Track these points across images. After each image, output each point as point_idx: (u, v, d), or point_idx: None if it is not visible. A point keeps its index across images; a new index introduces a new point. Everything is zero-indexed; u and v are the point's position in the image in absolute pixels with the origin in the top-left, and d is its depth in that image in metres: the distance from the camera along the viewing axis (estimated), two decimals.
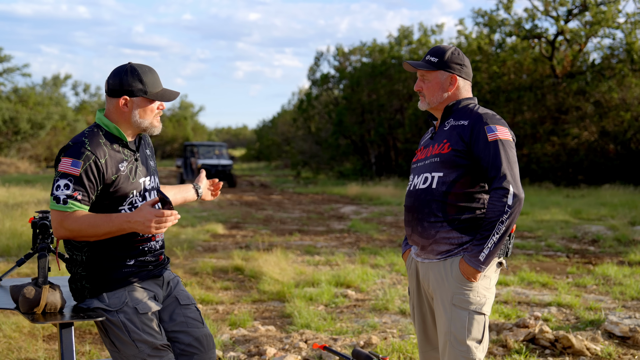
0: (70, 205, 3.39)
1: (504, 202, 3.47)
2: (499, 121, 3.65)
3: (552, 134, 32.50)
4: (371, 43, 44.06)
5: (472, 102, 3.81)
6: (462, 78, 3.80)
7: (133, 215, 3.38)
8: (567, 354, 6.06)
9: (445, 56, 3.77)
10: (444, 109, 3.79)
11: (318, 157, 44.00)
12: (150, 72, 3.63)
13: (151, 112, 3.63)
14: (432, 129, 3.93)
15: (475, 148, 3.59)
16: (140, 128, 3.63)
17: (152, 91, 3.60)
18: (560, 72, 33.47)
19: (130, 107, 3.57)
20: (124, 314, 3.50)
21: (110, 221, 3.40)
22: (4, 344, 6.21)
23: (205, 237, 14.00)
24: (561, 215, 17.74)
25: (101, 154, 3.48)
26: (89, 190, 3.43)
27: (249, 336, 6.68)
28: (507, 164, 3.54)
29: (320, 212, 20.69)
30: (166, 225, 3.38)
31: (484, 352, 3.65)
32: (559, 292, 8.66)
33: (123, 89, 3.56)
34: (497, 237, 3.49)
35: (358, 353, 4.52)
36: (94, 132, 3.56)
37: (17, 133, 49.11)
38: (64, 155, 3.46)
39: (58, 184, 3.42)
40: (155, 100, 3.63)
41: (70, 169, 3.41)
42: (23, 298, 3.46)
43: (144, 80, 3.58)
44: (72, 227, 3.38)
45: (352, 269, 9.97)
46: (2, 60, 54.87)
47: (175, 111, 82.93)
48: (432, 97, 3.79)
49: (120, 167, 3.54)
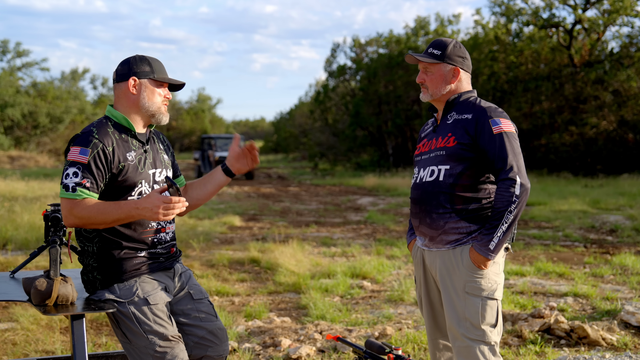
0: (79, 192, 3.43)
1: (512, 192, 3.55)
2: (501, 114, 3.72)
3: (570, 124, 32.34)
4: (388, 34, 43.97)
5: (472, 95, 3.88)
6: (464, 71, 3.88)
7: (141, 202, 3.41)
8: (583, 344, 6.05)
9: (447, 49, 3.83)
10: (446, 103, 3.85)
11: (335, 148, 44.00)
12: (157, 60, 3.73)
13: (159, 96, 3.68)
14: (433, 121, 3.99)
15: (480, 141, 3.66)
16: (148, 112, 3.67)
17: (159, 75, 3.68)
18: (578, 62, 33.28)
19: (138, 90, 3.64)
20: (135, 305, 3.52)
21: (118, 208, 3.43)
22: (21, 336, 6.27)
23: (222, 229, 14.04)
24: (579, 205, 17.66)
25: (109, 142, 3.53)
26: (97, 177, 3.47)
27: (264, 327, 6.71)
28: (512, 155, 3.61)
29: (337, 203, 20.70)
30: (174, 212, 3.40)
31: (499, 335, 3.73)
32: (575, 282, 8.62)
33: (131, 72, 3.64)
34: (506, 226, 3.57)
35: (371, 344, 4.54)
36: (103, 123, 3.62)
37: (36, 127, 49.44)
38: (73, 144, 3.52)
39: (67, 172, 3.46)
40: (163, 85, 3.69)
41: (79, 157, 3.46)
42: (35, 290, 3.49)
43: (152, 65, 3.67)
44: (82, 215, 3.42)
45: (368, 260, 9.98)
46: (21, 55, 55.23)
47: (193, 104, 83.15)
48: (435, 89, 3.84)
49: (128, 156, 3.58)
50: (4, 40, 54.72)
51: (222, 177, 3.98)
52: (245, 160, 3.98)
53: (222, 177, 3.98)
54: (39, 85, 55.18)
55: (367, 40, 45.15)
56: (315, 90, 50.65)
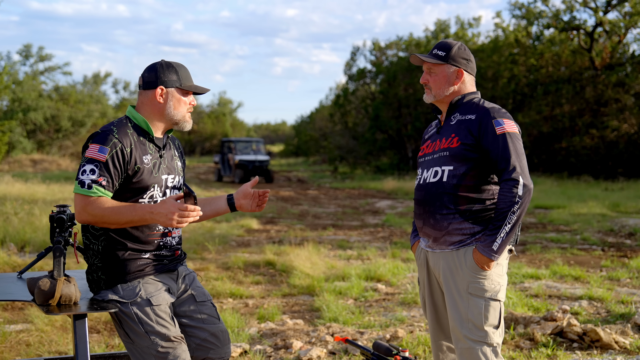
0: (95, 190, 3.46)
1: (515, 193, 3.56)
2: (505, 115, 3.72)
3: (591, 127, 32.16)
4: (408, 37, 43.95)
5: (476, 96, 3.89)
6: (468, 73, 3.88)
7: (157, 207, 3.45)
8: (595, 347, 6.02)
9: (452, 50, 3.85)
10: (450, 104, 3.87)
11: (355, 152, 43.96)
12: (183, 67, 3.76)
13: (184, 104, 3.72)
14: (437, 123, 4.00)
15: (484, 141, 3.66)
16: (172, 121, 3.71)
17: (186, 83, 3.71)
18: (599, 64, 33.10)
19: (165, 98, 3.67)
20: (137, 305, 3.55)
21: (133, 210, 3.47)
22: (35, 337, 6.32)
23: (239, 232, 14.09)
24: (599, 209, 17.57)
25: (127, 142, 3.56)
26: (113, 177, 3.51)
27: (276, 329, 6.73)
28: (515, 156, 3.62)
29: (356, 206, 20.70)
30: (188, 220, 3.44)
31: (501, 337, 3.73)
32: (591, 285, 8.58)
33: (159, 80, 3.66)
34: (509, 226, 3.57)
35: (378, 345, 4.55)
36: (123, 122, 3.66)
37: (58, 131, 49.78)
38: (92, 142, 3.54)
39: (84, 169, 3.49)
40: (189, 93, 3.73)
41: (97, 155, 3.49)
42: (38, 290, 3.53)
43: (179, 73, 3.70)
44: (95, 212, 3.45)
45: (383, 263, 9.97)
46: (44, 59, 55.64)
47: (214, 107, 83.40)
48: (438, 90, 3.86)
49: (144, 159, 3.61)
50: (27, 44, 55.14)
51: (224, 206, 4.02)
52: (252, 202, 4.00)
53: (223, 206, 4.02)
54: (61, 89, 55.56)
55: (387, 44, 45.12)
56: (336, 94, 50.68)
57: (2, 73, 16.87)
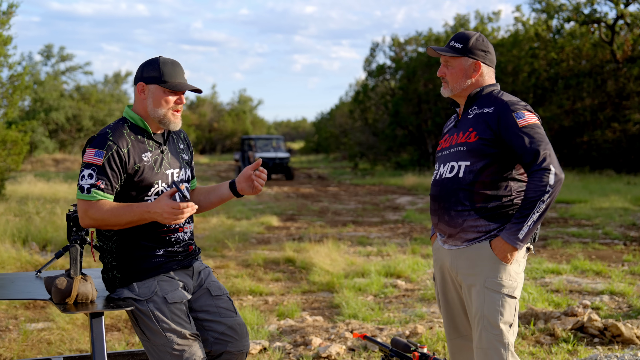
0: (94, 194, 3.49)
1: (546, 182, 3.46)
2: (524, 107, 3.63)
3: (612, 120, 31.91)
4: (427, 32, 43.76)
5: (495, 88, 3.78)
6: (486, 65, 3.77)
7: (152, 206, 3.49)
8: (616, 342, 5.98)
9: (469, 42, 3.74)
10: (468, 97, 3.77)
11: (375, 148, 43.89)
12: (172, 64, 3.69)
13: (166, 102, 3.66)
14: (455, 117, 3.92)
15: (505, 136, 3.57)
16: (155, 118, 3.68)
17: (167, 80, 3.64)
18: (620, 57, 32.82)
19: (146, 95, 3.67)
20: (154, 303, 3.57)
21: (131, 210, 3.50)
22: (57, 335, 6.37)
23: (259, 229, 14.10)
24: (621, 203, 17.44)
25: (123, 143, 3.58)
26: (112, 179, 3.53)
27: (295, 326, 6.73)
28: (544, 146, 3.52)
29: (376, 203, 20.67)
30: (183, 216, 3.47)
31: (514, 336, 3.65)
32: (612, 280, 8.52)
33: (142, 76, 3.67)
34: (537, 215, 3.48)
35: (397, 342, 4.53)
36: (119, 124, 3.67)
37: (79, 130, 50.05)
38: (89, 147, 3.58)
39: (83, 174, 3.53)
40: (175, 92, 3.67)
41: (94, 159, 3.52)
42: (55, 289, 3.56)
43: (162, 70, 3.64)
44: (96, 216, 3.49)
45: (403, 259, 9.96)
46: (65, 59, 55.97)
47: (235, 105, 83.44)
48: (455, 84, 3.77)
49: (144, 157, 3.62)
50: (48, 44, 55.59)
51: (227, 192, 3.95)
52: (251, 184, 3.88)
53: (226, 192, 3.95)
54: (82, 89, 55.82)
55: (407, 39, 44.96)
56: (355, 90, 50.57)
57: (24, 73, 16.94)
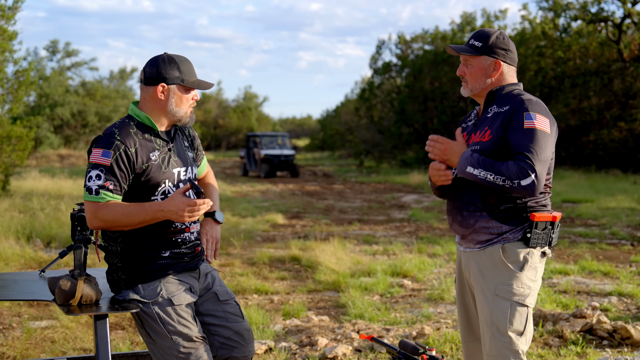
0: (103, 195, 3.43)
1: (520, 178, 3.37)
2: (542, 110, 3.51)
3: (619, 120, 31.77)
4: (433, 30, 43.64)
5: (516, 87, 3.68)
6: (507, 64, 3.67)
7: (165, 204, 3.41)
8: (626, 344, 5.91)
9: (489, 40, 3.64)
10: (487, 95, 3.68)
11: (381, 146, 43.77)
12: (186, 61, 3.64)
13: (187, 101, 3.63)
14: (475, 114, 3.82)
15: (508, 132, 3.49)
16: (175, 117, 3.63)
17: (189, 79, 3.61)
18: (627, 56, 32.67)
19: (167, 95, 3.59)
20: (159, 305, 3.51)
21: (143, 210, 3.43)
22: (60, 334, 6.32)
23: (264, 227, 14.05)
24: (627, 203, 17.34)
25: (131, 142, 3.51)
26: (120, 179, 3.47)
27: (301, 326, 6.68)
28: (536, 154, 3.40)
29: (382, 201, 20.61)
30: (199, 213, 3.41)
31: (527, 345, 3.56)
32: (620, 281, 8.45)
33: (160, 77, 3.57)
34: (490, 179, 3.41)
35: (405, 344, 4.48)
36: (125, 123, 3.60)
37: (85, 126, 50.06)
38: (95, 147, 3.50)
39: (90, 175, 3.46)
40: (191, 90, 3.64)
41: (101, 159, 3.45)
42: (59, 290, 3.50)
43: (181, 69, 3.60)
44: (106, 218, 3.42)
45: (410, 258, 9.89)
46: (70, 55, 55.96)
47: (240, 102, 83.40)
48: (474, 83, 3.68)
49: (152, 156, 3.56)
50: (53, 40, 55.58)
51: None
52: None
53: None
54: (87, 85, 55.84)
55: (413, 37, 44.84)
56: (361, 88, 50.48)
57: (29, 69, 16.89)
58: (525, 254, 3.54)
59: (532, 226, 3.51)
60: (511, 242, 3.54)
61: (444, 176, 3.62)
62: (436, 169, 3.64)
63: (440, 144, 3.62)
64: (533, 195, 3.41)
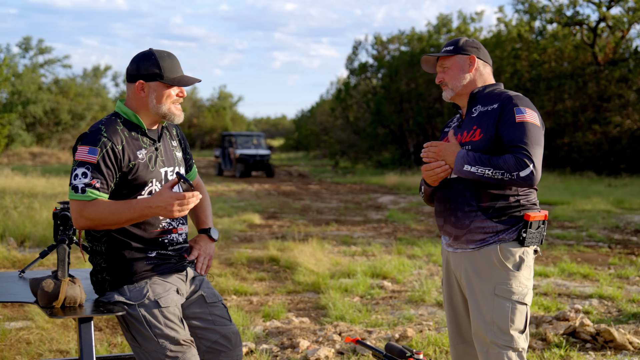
0: (89, 193, 3.32)
1: (519, 169, 3.41)
2: (528, 104, 3.57)
3: (593, 122, 32.03)
4: (410, 31, 43.76)
5: (497, 87, 3.74)
6: (482, 60, 3.75)
7: (154, 200, 3.31)
8: (609, 347, 5.88)
9: (459, 42, 3.76)
10: (470, 96, 3.72)
11: (356, 146, 43.82)
12: (169, 57, 3.54)
13: (168, 97, 3.52)
14: (458, 117, 3.85)
15: (500, 128, 3.52)
16: (158, 114, 3.53)
17: (169, 76, 3.51)
18: (602, 60, 32.94)
19: (147, 92, 3.50)
20: (145, 307, 3.40)
21: (131, 207, 3.33)
22: (36, 335, 6.19)
23: (241, 227, 13.94)
24: (603, 205, 17.43)
25: (118, 140, 3.42)
26: (107, 177, 3.37)
27: (282, 328, 6.59)
28: (532, 145, 3.45)
29: (358, 202, 20.57)
30: (188, 207, 3.31)
31: (527, 342, 3.59)
32: (600, 283, 8.45)
33: (139, 74, 3.49)
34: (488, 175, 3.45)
35: (391, 347, 4.41)
36: (112, 120, 3.50)
37: (58, 124, 49.65)
38: (81, 144, 3.40)
39: (76, 173, 3.36)
40: (173, 86, 3.53)
41: (88, 157, 3.35)
42: (42, 292, 3.38)
43: (161, 65, 3.49)
44: (93, 216, 3.31)
45: (389, 259, 9.84)
46: (43, 52, 55.39)
47: (214, 101, 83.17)
48: (454, 82, 3.72)
49: (139, 154, 3.47)
50: (26, 37, 54.95)
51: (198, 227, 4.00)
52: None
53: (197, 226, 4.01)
54: (61, 82, 55.35)
55: (389, 38, 44.95)
56: (337, 88, 50.51)
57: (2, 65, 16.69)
58: (520, 253, 3.57)
59: (527, 226, 3.53)
60: (507, 242, 3.56)
61: (441, 171, 3.61)
62: (431, 168, 3.63)
63: (434, 146, 3.64)
64: (532, 185, 3.45)
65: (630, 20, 32.41)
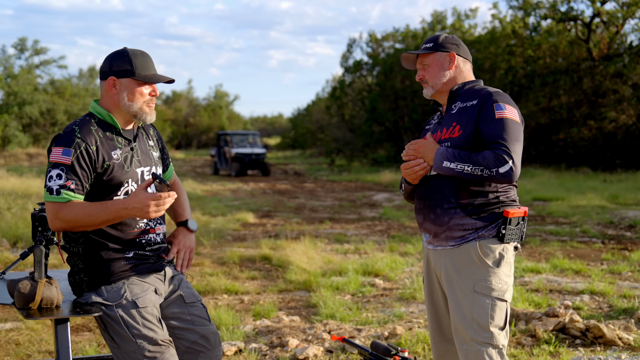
0: (64, 195, 3.31)
1: (498, 166, 3.39)
2: (508, 100, 3.56)
3: (588, 118, 32.03)
4: (404, 29, 43.74)
5: (477, 83, 3.73)
6: (461, 57, 3.74)
7: (129, 201, 3.29)
8: (599, 343, 5.88)
9: (439, 40, 3.74)
10: (450, 93, 3.72)
11: (352, 144, 43.78)
12: (142, 55, 3.53)
13: (140, 95, 3.49)
14: (438, 115, 3.84)
15: (480, 124, 3.51)
16: (130, 112, 3.50)
17: (141, 73, 3.48)
18: (596, 55, 32.94)
19: (118, 89, 3.48)
20: (123, 308, 3.39)
21: (106, 209, 3.31)
22: (25, 336, 6.18)
23: (235, 226, 13.92)
24: (597, 201, 17.43)
25: (92, 140, 3.40)
26: (82, 178, 3.35)
27: (272, 327, 6.58)
28: (511, 141, 3.43)
29: (353, 199, 20.56)
30: (164, 207, 3.30)
31: (507, 339, 3.58)
32: (592, 279, 8.45)
33: (111, 70, 3.48)
34: (467, 172, 3.43)
35: (377, 345, 4.41)
36: (86, 120, 3.48)
37: (54, 124, 49.62)
38: (55, 145, 3.38)
39: (51, 175, 3.34)
40: (145, 84, 3.51)
41: (62, 158, 3.33)
42: (18, 293, 3.36)
43: (134, 62, 3.47)
44: (68, 218, 3.30)
45: (381, 257, 9.84)
46: (39, 53, 55.32)
47: (211, 100, 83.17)
48: (434, 80, 3.72)
49: (113, 154, 3.45)
50: (22, 38, 54.84)
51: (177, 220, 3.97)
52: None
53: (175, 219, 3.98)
54: (56, 83, 55.31)
55: (384, 35, 44.90)
56: (332, 86, 50.46)
57: None
58: (500, 250, 3.56)
59: (507, 222, 3.52)
60: (486, 239, 3.55)
61: (420, 169, 3.61)
62: (410, 166, 3.63)
63: (413, 144, 3.64)
64: (511, 182, 3.44)
65: (624, 15, 32.41)
